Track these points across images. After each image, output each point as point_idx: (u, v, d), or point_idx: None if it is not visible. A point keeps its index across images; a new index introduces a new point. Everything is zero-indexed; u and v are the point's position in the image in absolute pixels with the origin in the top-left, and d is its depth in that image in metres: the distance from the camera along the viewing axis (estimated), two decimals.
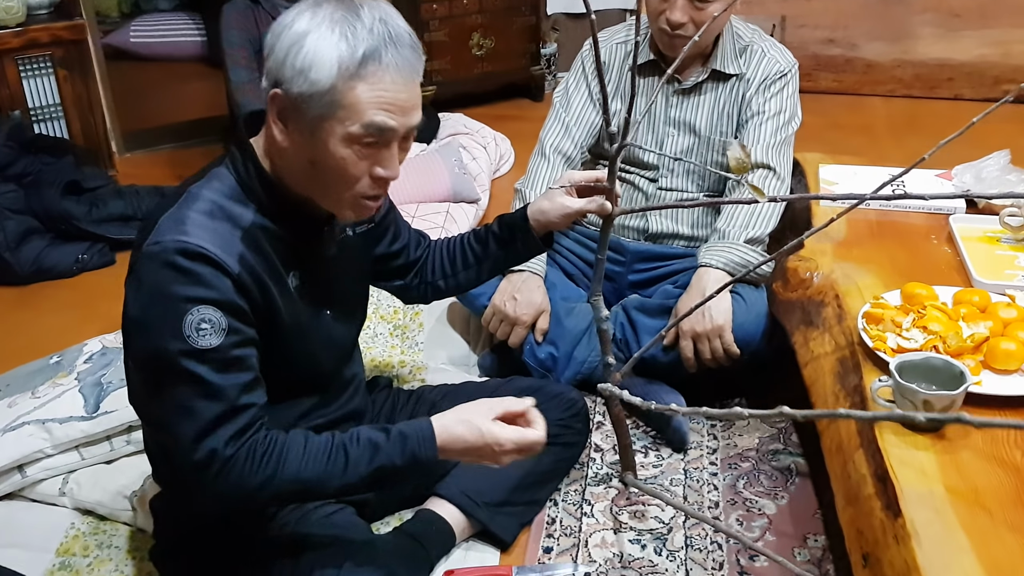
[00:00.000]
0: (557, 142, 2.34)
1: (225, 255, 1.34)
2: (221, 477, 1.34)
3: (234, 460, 1.34)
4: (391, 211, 1.78)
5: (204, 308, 1.32)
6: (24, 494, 2.00)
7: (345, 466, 1.39)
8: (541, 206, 1.75)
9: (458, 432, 1.46)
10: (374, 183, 1.40)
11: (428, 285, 1.87)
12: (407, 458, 1.42)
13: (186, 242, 1.32)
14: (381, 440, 1.42)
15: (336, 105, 1.32)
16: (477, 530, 1.84)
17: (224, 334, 1.33)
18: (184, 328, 1.31)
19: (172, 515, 1.66)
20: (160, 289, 1.32)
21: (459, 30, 4.23)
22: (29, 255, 2.98)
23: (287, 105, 1.35)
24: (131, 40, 5.35)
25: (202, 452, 1.33)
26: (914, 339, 1.60)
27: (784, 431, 2.18)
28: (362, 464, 1.40)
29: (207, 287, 1.32)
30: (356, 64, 1.31)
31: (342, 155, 1.36)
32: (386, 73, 1.33)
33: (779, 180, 2.22)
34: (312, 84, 1.31)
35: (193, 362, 1.32)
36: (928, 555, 1.22)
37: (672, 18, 2.09)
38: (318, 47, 1.31)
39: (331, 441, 1.41)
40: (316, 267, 1.53)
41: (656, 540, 1.87)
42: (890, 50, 4.44)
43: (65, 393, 2.05)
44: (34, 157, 3.16)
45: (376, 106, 1.33)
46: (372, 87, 1.32)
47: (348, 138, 1.35)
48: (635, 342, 2.21)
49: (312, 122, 1.34)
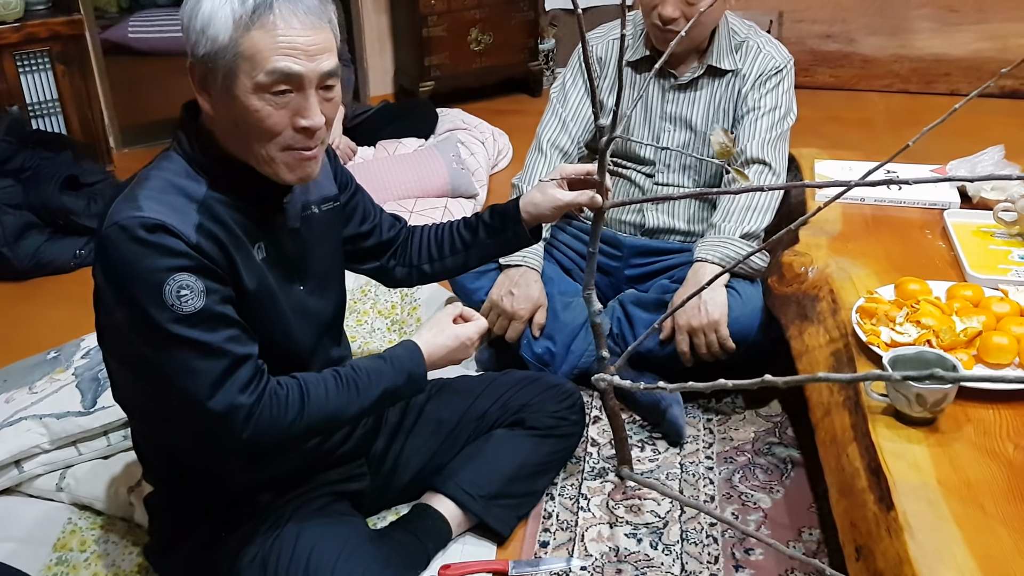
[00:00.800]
0: (554, 137, 2.35)
1: (181, 225, 1.35)
2: (251, 424, 1.40)
3: (259, 406, 1.41)
4: (357, 192, 1.78)
5: (179, 275, 1.33)
6: (21, 489, 2.00)
7: (358, 393, 1.51)
8: (533, 198, 1.76)
9: (439, 341, 1.62)
10: (299, 134, 1.40)
11: (413, 268, 1.88)
12: (405, 376, 1.56)
13: (142, 216, 1.33)
14: (381, 366, 1.55)
15: (239, 57, 1.33)
16: (473, 524, 1.85)
17: (204, 295, 1.35)
18: (166, 298, 1.32)
19: (166, 511, 1.67)
20: (131, 266, 1.33)
21: (457, 25, 4.23)
22: (27, 250, 2.98)
23: (201, 71, 1.37)
24: (129, 35, 5.34)
25: (220, 406, 1.37)
26: (907, 333, 1.61)
27: (780, 425, 2.19)
28: (372, 389, 1.52)
29: (175, 255, 1.34)
30: (249, 13, 1.32)
31: (256, 107, 1.36)
32: (279, 18, 1.33)
33: (774, 175, 2.22)
34: (212, 41, 1.34)
35: (183, 327, 1.34)
36: (920, 547, 1.23)
37: (664, 13, 2.10)
38: (213, 4, 1.33)
39: (339, 375, 1.51)
40: (282, 240, 1.54)
41: (652, 534, 1.88)
42: (887, 45, 4.44)
43: (62, 388, 2.05)
44: (32, 152, 3.16)
45: (276, 52, 1.33)
46: (269, 33, 1.33)
47: (257, 88, 1.35)
48: (631, 336, 2.21)
49: (224, 81, 1.35)
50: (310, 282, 1.61)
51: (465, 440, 1.88)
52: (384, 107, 3.83)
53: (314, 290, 1.62)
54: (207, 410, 1.37)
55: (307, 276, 1.61)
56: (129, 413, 1.64)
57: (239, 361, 1.40)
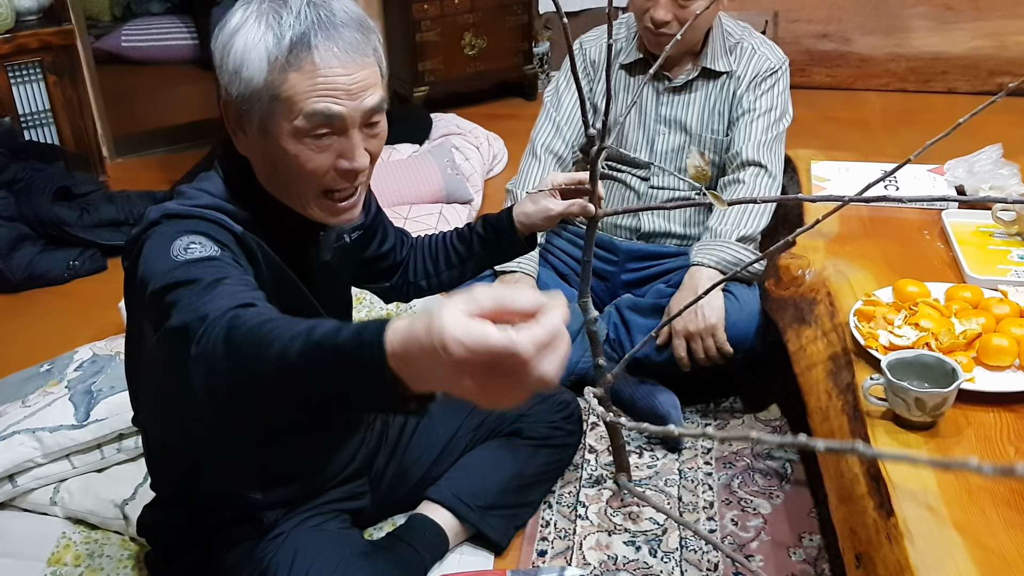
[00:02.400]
0: (548, 142, 2.33)
1: (226, 217, 1.29)
2: (204, 335, 1.04)
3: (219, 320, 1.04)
4: (378, 213, 1.75)
5: (192, 235, 1.23)
6: (15, 503, 1.98)
7: (293, 330, 0.98)
8: (525, 208, 1.74)
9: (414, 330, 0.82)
10: (339, 176, 1.33)
11: (410, 285, 1.84)
12: (347, 339, 0.91)
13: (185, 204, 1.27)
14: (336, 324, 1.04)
15: (276, 100, 1.26)
16: (471, 534, 1.84)
17: (217, 251, 1.22)
18: (172, 252, 1.20)
19: (167, 522, 1.65)
20: (151, 241, 1.24)
21: (451, 29, 4.22)
22: (21, 262, 2.96)
23: (236, 110, 1.30)
24: (122, 44, 5.33)
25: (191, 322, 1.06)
26: (906, 336, 1.59)
27: (779, 429, 2.17)
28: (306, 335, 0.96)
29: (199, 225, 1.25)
30: (284, 54, 1.24)
31: (295, 152, 1.29)
32: (318, 57, 1.24)
33: (770, 177, 2.21)
34: (246, 83, 1.26)
35: (185, 269, 1.17)
36: (921, 554, 1.22)
37: (656, 16, 2.08)
38: (246, 43, 1.25)
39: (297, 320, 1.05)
40: (311, 274, 1.49)
41: (651, 541, 1.86)
42: (884, 44, 4.43)
43: (55, 402, 2.04)
44: (24, 163, 3.15)
45: (315, 94, 1.25)
46: (306, 75, 1.25)
47: (296, 132, 1.28)
48: (628, 341, 2.20)
49: (261, 123, 1.29)
50: (330, 314, 1.57)
51: (462, 450, 1.87)
52: None
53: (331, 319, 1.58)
54: (173, 328, 1.09)
55: (328, 308, 1.56)
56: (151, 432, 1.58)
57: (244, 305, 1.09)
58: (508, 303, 0.81)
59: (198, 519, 1.59)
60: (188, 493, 1.58)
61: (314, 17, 1.25)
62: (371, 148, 1.35)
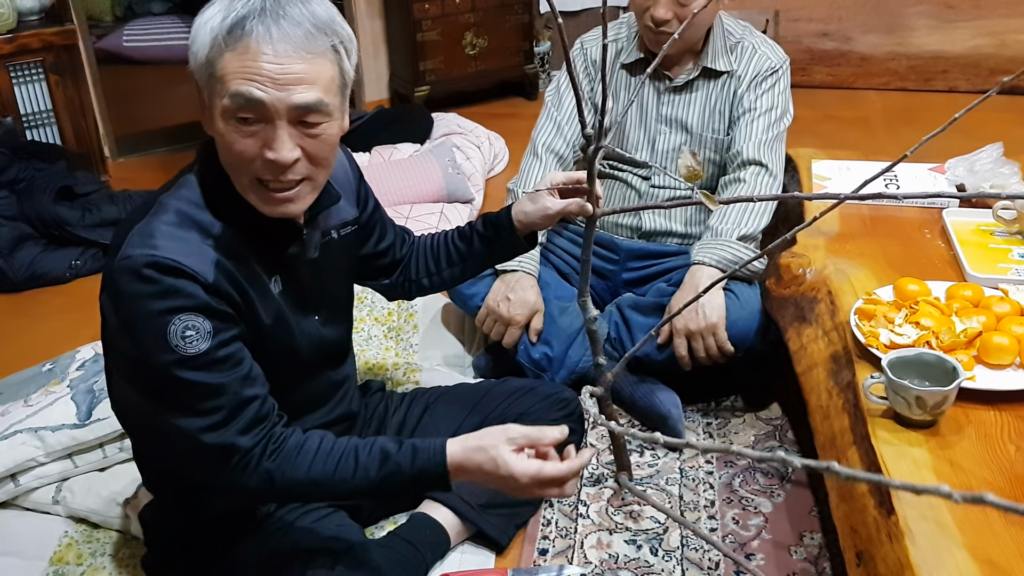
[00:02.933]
0: (549, 141, 2.33)
1: (199, 264, 1.32)
2: (240, 468, 1.36)
3: (253, 452, 1.36)
4: (376, 210, 1.76)
5: (185, 316, 1.30)
6: (17, 503, 1.99)
7: (355, 470, 1.40)
8: (524, 207, 1.74)
9: (474, 459, 1.38)
10: (265, 166, 1.32)
11: (412, 283, 1.86)
12: (416, 470, 1.39)
13: (156, 256, 1.30)
14: (392, 449, 1.40)
15: (212, 78, 1.30)
16: (472, 533, 1.84)
17: (211, 336, 1.32)
18: (170, 339, 1.30)
19: (164, 523, 1.65)
20: (137, 304, 1.31)
21: (452, 29, 4.22)
22: (23, 261, 2.97)
23: (197, 86, 1.35)
24: (124, 44, 5.34)
25: (217, 446, 1.34)
26: (907, 335, 1.59)
27: (780, 428, 2.17)
28: (372, 470, 1.39)
29: (183, 296, 1.31)
30: (224, 33, 1.27)
31: (223, 131, 1.31)
32: (252, 42, 1.26)
33: (771, 177, 2.21)
34: (194, 58, 1.31)
35: (186, 370, 1.31)
36: (922, 552, 1.22)
37: (656, 15, 2.09)
38: (200, 21, 1.30)
39: (346, 444, 1.41)
40: (299, 271, 1.51)
41: (652, 540, 1.86)
42: (884, 43, 4.43)
43: (57, 401, 2.04)
44: (26, 163, 3.15)
45: (241, 76, 1.27)
46: (239, 56, 1.27)
47: (224, 112, 1.30)
48: (629, 340, 2.20)
49: (207, 101, 1.33)
50: (325, 311, 1.60)
51: None
52: (379, 113, 3.82)
53: (328, 318, 1.61)
54: (200, 450, 1.34)
55: (323, 306, 1.59)
56: (128, 430, 1.62)
57: (244, 402, 1.36)
58: (536, 440, 1.41)
59: (193, 517, 1.59)
60: (180, 491, 1.58)
61: (262, 4, 1.28)
62: (309, 148, 1.34)
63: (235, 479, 1.37)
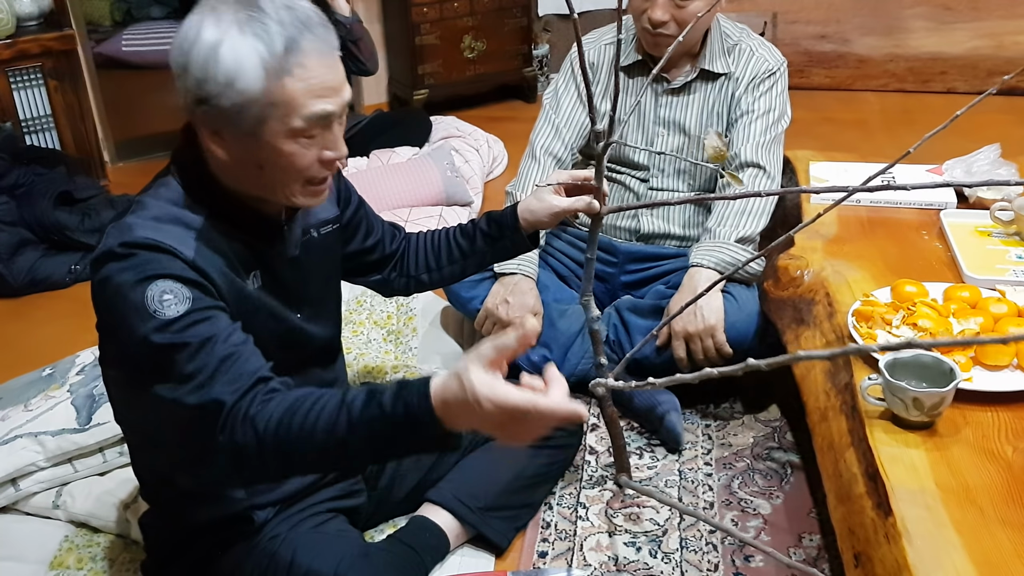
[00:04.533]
0: (547, 144, 2.34)
1: (178, 243, 1.32)
2: (227, 426, 1.24)
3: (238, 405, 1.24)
4: (360, 207, 1.76)
5: (161, 281, 1.28)
6: (18, 507, 1.99)
7: (339, 408, 1.20)
8: (530, 205, 1.74)
9: (451, 388, 1.12)
10: (322, 166, 1.38)
11: (411, 279, 1.86)
12: (401, 405, 1.15)
13: (132, 237, 1.30)
14: (378, 388, 1.20)
15: (272, 106, 1.29)
16: (471, 535, 1.84)
17: (190, 301, 1.29)
18: (148, 304, 1.26)
19: (164, 528, 1.66)
20: (114, 280, 1.29)
21: (451, 33, 4.23)
22: (23, 266, 2.97)
23: (220, 120, 1.32)
24: (123, 49, 5.33)
25: (200, 405, 1.25)
26: (904, 336, 1.59)
27: (779, 429, 2.17)
28: (356, 408, 1.19)
29: (159, 265, 1.29)
30: (279, 60, 1.27)
31: (291, 151, 1.34)
32: (309, 59, 1.29)
33: (769, 179, 2.21)
34: (242, 93, 1.28)
35: (167, 334, 1.26)
36: (919, 553, 1.22)
37: (654, 16, 2.09)
38: (237, 55, 1.27)
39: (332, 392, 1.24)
40: (279, 269, 1.51)
41: (651, 542, 1.86)
42: (882, 44, 4.43)
43: (58, 405, 2.04)
44: (26, 168, 3.15)
45: (311, 96, 1.31)
46: (300, 78, 1.29)
47: (292, 133, 1.32)
48: (628, 343, 2.20)
49: (252, 128, 1.31)
50: (308, 309, 1.59)
51: (462, 452, 1.87)
52: (378, 116, 3.82)
53: (312, 316, 1.61)
54: (188, 410, 1.26)
55: (305, 303, 1.58)
56: (127, 436, 1.62)
57: (226, 358, 1.28)
58: (502, 348, 1.13)
59: (189, 522, 1.59)
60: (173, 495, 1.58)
61: (295, 20, 1.29)
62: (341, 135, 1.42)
63: (223, 439, 1.24)
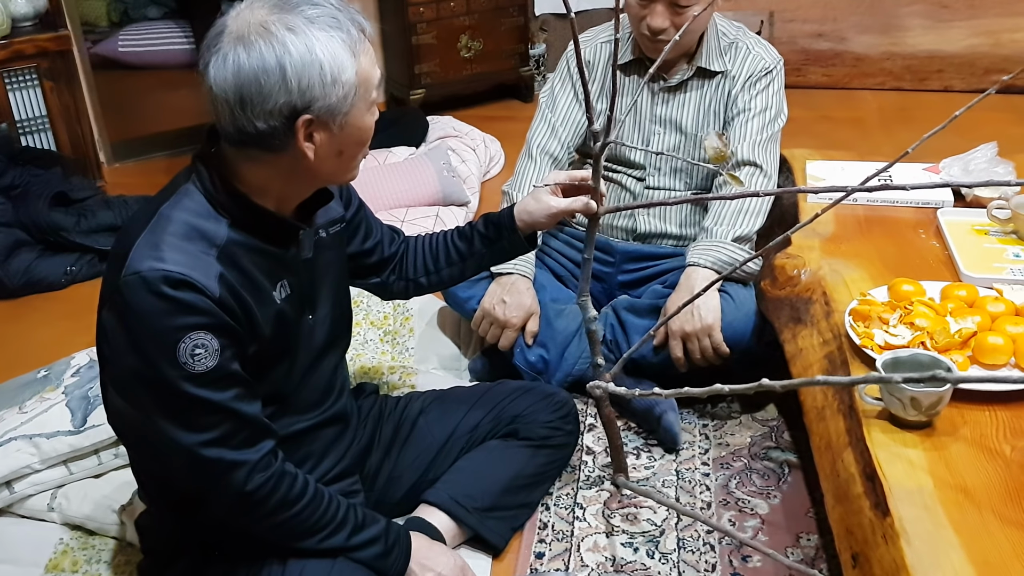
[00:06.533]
0: (544, 143, 2.33)
1: (205, 279, 1.33)
2: (253, 481, 1.41)
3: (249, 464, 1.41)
4: (360, 208, 1.76)
5: (196, 334, 1.32)
6: (12, 510, 1.98)
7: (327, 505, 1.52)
8: (527, 206, 1.74)
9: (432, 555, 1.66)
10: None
11: (410, 282, 1.86)
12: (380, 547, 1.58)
13: (167, 270, 1.30)
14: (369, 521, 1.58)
15: (360, 86, 1.35)
16: (468, 536, 1.83)
17: (218, 355, 1.34)
18: (179, 356, 1.31)
19: (161, 529, 1.65)
20: (148, 319, 1.31)
21: (447, 32, 4.22)
22: (18, 267, 2.96)
23: (322, 120, 1.34)
24: (120, 49, 5.33)
25: (214, 460, 1.38)
26: (901, 335, 1.59)
27: (776, 429, 2.17)
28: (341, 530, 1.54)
29: (195, 313, 1.32)
30: (355, 42, 1.34)
31: (368, 123, 1.41)
32: (365, 34, 1.37)
33: (766, 177, 2.21)
34: (344, 85, 1.33)
35: (192, 386, 1.33)
36: (917, 554, 1.22)
37: (653, 25, 2.08)
38: (332, 52, 1.30)
39: (328, 490, 1.54)
40: (296, 272, 1.52)
41: (649, 543, 1.86)
42: (879, 43, 4.43)
43: (52, 407, 2.03)
44: (22, 169, 3.15)
45: (373, 65, 1.38)
46: (366, 53, 1.36)
47: (371, 105, 1.40)
48: (625, 342, 2.20)
49: (346, 116, 1.35)
50: (320, 311, 1.60)
51: (459, 452, 1.86)
52: None
53: (323, 318, 1.61)
54: (201, 458, 1.37)
55: (317, 305, 1.59)
56: (123, 440, 1.62)
57: (243, 421, 1.40)
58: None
59: (187, 521, 1.59)
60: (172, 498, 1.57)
61: (337, 3, 1.35)
62: None
63: (236, 490, 1.41)
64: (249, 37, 1.28)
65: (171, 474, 1.49)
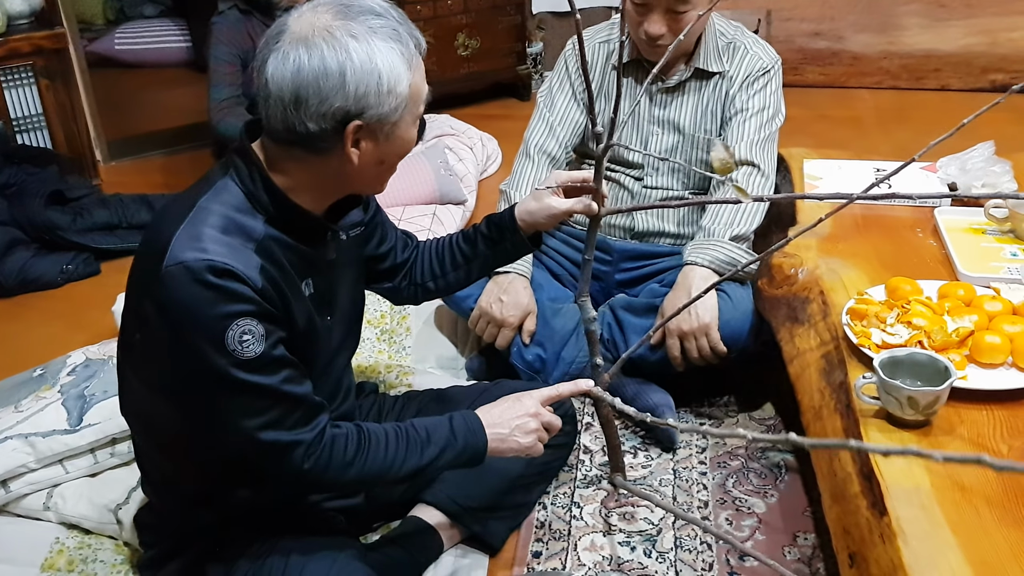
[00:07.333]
0: (541, 142, 2.33)
1: (247, 269, 1.34)
2: (311, 459, 1.43)
3: (320, 443, 1.43)
4: (377, 212, 1.76)
5: (242, 320, 1.32)
6: (8, 509, 1.98)
7: (418, 449, 1.53)
8: (528, 207, 1.74)
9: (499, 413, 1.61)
10: None
11: (418, 287, 1.85)
12: (462, 442, 1.56)
13: (211, 260, 1.31)
14: (440, 426, 1.57)
15: (411, 99, 1.37)
16: (465, 536, 1.83)
17: (264, 340, 1.35)
18: (228, 343, 1.32)
19: (161, 526, 1.65)
20: (194, 309, 1.31)
21: (444, 30, 4.22)
22: (14, 266, 2.96)
23: (371, 128, 1.36)
24: (116, 47, 5.33)
25: (274, 442, 1.40)
26: (899, 334, 1.59)
27: (773, 428, 2.17)
28: (428, 448, 1.53)
29: (241, 301, 1.32)
30: (411, 56, 1.36)
31: (412, 136, 1.43)
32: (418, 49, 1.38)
33: (763, 177, 2.20)
34: (399, 95, 1.34)
35: (243, 372, 1.34)
36: (914, 553, 1.21)
37: (651, 31, 2.08)
38: (391, 62, 1.32)
39: (399, 428, 1.54)
40: (324, 273, 1.53)
41: (646, 542, 1.86)
42: (876, 42, 4.43)
43: (48, 406, 2.03)
44: (17, 168, 3.15)
45: (423, 80, 1.40)
46: (418, 67, 1.38)
47: (415, 118, 1.42)
48: (623, 342, 2.20)
49: (394, 126, 1.37)
50: (338, 312, 1.60)
51: None
52: None
53: (340, 319, 1.61)
54: (261, 442, 1.39)
55: (336, 306, 1.59)
56: (139, 429, 1.60)
57: (296, 401, 1.41)
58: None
59: (188, 521, 1.58)
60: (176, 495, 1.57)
61: (397, 16, 1.36)
62: None
63: (306, 469, 1.43)
64: (312, 39, 1.30)
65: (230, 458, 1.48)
